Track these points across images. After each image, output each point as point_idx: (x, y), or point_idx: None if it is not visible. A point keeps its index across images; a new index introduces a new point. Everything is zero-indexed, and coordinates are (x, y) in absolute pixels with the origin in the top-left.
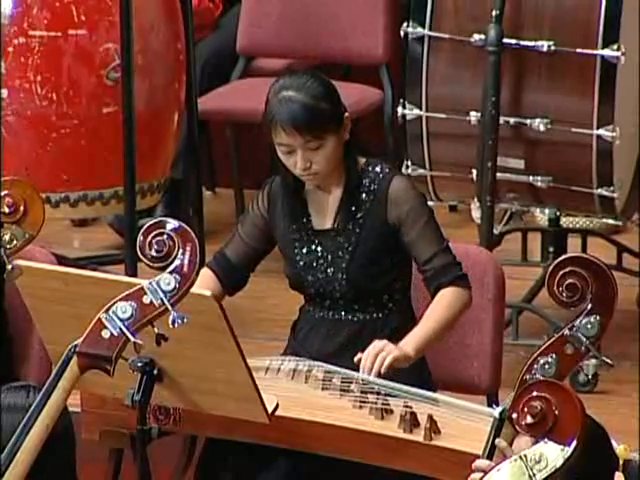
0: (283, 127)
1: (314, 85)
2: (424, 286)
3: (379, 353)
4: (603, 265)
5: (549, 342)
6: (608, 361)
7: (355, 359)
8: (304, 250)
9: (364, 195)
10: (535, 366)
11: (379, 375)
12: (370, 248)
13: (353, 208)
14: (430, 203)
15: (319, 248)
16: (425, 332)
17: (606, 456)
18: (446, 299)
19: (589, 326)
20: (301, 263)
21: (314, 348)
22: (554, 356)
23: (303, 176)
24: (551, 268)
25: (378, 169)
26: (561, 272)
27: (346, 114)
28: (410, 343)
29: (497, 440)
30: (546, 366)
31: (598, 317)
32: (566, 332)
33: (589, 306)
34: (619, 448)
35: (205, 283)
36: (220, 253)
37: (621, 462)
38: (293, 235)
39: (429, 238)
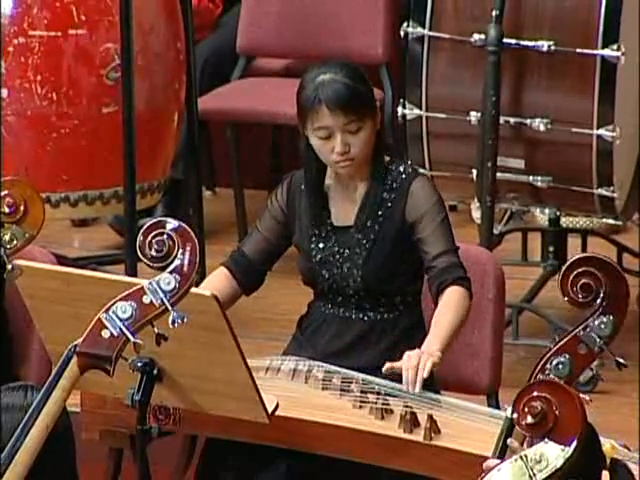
0: (328, 106)
1: (349, 69)
2: (427, 283)
3: (417, 363)
4: (616, 265)
5: (562, 342)
6: (622, 361)
7: (384, 369)
8: (321, 245)
9: (385, 193)
10: (548, 366)
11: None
12: (387, 247)
13: (375, 206)
14: None
15: (336, 244)
16: (444, 332)
17: (595, 455)
18: (454, 300)
19: (602, 326)
20: (317, 257)
21: (322, 344)
22: (567, 356)
23: (339, 162)
24: (564, 269)
25: (402, 168)
26: (575, 272)
27: (377, 103)
28: (434, 344)
29: (509, 440)
30: (560, 366)
31: (611, 317)
32: (580, 332)
33: (602, 306)
34: (606, 446)
35: (219, 282)
36: (237, 250)
37: (608, 460)
38: (312, 230)
39: (441, 237)
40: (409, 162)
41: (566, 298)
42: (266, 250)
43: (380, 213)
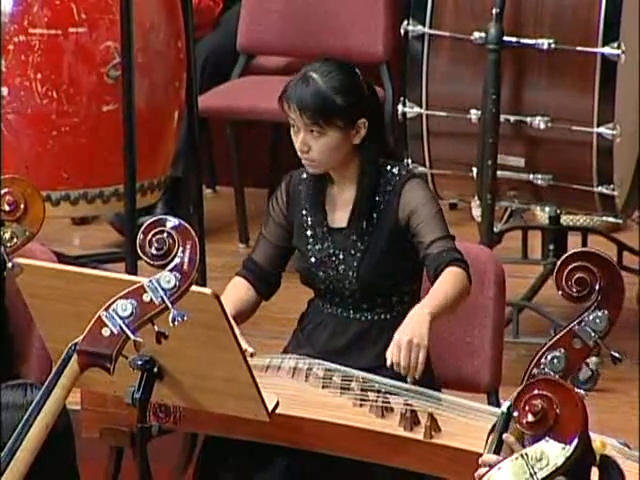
0: (289, 103)
1: (340, 77)
2: (425, 272)
3: (407, 363)
4: (611, 259)
5: (557, 336)
6: (617, 355)
7: (388, 362)
8: (317, 246)
9: (379, 196)
10: (543, 360)
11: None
12: (381, 248)
13: (368, 208)
14: None
15: (332, 245)
16: (436, 300)
17: (585, 451)
18: (451, 277)
19: (597, 320)
20: (313, 259)
21: (320, 343)
22: (562, 351)
23: (302, 158)
24: (559, 263)
25: (395, 171)
26: (570, 267)
27: (362, 120)
28: (425, 307)
29: (505, 435)
30: (555, 360)
31: (606, 311)
32: (575, 327)
33: (597, 300)
34: (595, 443)
35: (238, 291)
36: (248, 259)
37: (597, 457)
38: (308, 231)
39: (435, 226)
40: (406, 164)
41: (561, 292)
42: (275, 255)
43: (374, 215)
